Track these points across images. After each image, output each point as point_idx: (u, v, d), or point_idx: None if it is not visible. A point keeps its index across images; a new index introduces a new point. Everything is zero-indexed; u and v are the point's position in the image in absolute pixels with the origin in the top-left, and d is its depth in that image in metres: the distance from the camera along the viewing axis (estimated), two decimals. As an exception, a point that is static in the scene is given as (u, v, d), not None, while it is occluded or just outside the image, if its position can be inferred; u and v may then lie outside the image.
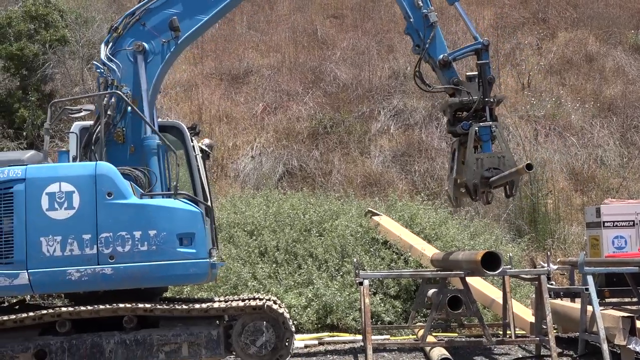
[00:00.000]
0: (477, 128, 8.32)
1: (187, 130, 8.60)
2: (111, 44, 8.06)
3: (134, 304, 7.13)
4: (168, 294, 8.71)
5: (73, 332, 7.17)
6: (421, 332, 9.04)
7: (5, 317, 7.02)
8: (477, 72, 8.61)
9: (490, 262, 8.00)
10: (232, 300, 7.91)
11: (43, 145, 8.11)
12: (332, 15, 21.82)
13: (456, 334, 10.59)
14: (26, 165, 7.24)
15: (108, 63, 7.91)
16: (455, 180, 8.62)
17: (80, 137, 8.17)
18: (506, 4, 21.43)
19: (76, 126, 8.73)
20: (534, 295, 9.33)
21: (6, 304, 8.54)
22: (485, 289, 10.70)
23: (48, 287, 7.17)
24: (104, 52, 7.99)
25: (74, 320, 7.16)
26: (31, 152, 7.79)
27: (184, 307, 7.33)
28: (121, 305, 7.09)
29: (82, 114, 7.70)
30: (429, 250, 11.16)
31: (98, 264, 7.03)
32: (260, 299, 7.72)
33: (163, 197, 7.65)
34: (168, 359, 7.26)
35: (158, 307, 7.24)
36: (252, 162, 16.68)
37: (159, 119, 8.49)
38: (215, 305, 7.54)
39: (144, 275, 7.17)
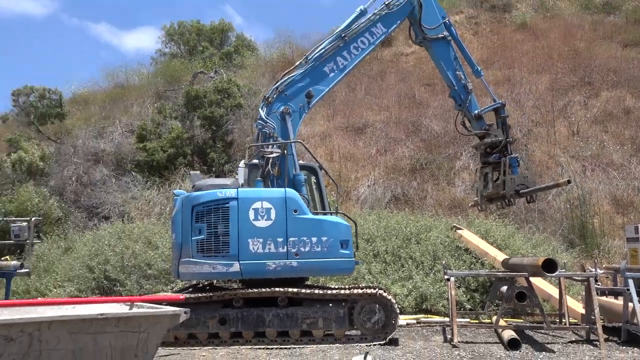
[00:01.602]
0: (508, 158, 8.67)
1: (319, 170, 8.82)
2: (265, 107, 8.36)
3: (286, 289, 7.33)
4: (308, 283, 8.84)
5: (244, 307, 7.43)
6: (494, 318, 8.69)
7: (200, 295, 7.40)
8: (493, 122, 9.14)
9: (549, 266, 7.64)
10: (354, 289, 7.94)
11: (237, 176, 8.44)
12: (426, 84, 21.53)
13: (522, 320, 10.09)
14: (236, 188, 7.58)
15: (268, 121, 8.23)
16: (482, 194, 8.99)
17: (248, 170, 8.50)
18: (559, 71, 20.40)
19: (244, 162, 9.11)
20: (584, 293, 8.77)
21: (200, 285, 8.99)
22: (545, 286, 10.18)
23: (253, 274, 7.39)
24: (262, 113, 8.28)
25: (245, 298, 7.44)
26: (232, 179, 8.19)
27: (321, 292, 7.44)
28: (277, 289, 7.30)
29: (274, 155, 7.99)
30: (500, 256, 10.73)
31: (287, 259, 7.33)
32: (374, 289, 7.72)
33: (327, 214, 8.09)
34: (308, 329, 7.40)
35: (302, 291, 7.39)
36: (369, 189, 16.69)
37: (300, 161, 8.75)
38: (342, 292, 7.62)
39: (318, 268, 7.47)
